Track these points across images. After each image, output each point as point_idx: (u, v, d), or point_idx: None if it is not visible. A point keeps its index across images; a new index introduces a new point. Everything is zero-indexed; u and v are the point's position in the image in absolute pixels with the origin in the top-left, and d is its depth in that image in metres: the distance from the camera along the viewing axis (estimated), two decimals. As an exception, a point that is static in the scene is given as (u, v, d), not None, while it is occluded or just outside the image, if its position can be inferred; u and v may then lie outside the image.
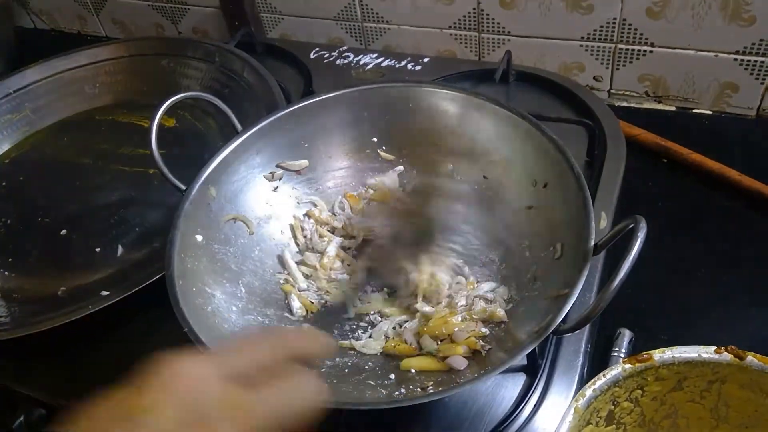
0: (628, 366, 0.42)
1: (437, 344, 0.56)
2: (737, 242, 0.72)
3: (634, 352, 0.63)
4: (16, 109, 0.91)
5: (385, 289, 0.63)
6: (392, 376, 0.55)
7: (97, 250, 0.72)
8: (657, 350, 0.42)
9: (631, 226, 0.44)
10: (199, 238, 0.59)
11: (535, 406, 0.55)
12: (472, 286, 0.60)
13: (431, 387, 0.52)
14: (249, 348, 0.36)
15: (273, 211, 0.67)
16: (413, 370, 0.55)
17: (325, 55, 0.97)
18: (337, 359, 0.57)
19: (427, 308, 0.58)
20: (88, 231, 0.75)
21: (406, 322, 0.59)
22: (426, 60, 0.93)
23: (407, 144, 0.69)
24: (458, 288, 0.60)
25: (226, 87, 0.85)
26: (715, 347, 0.41)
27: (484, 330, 0.56)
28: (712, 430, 0.45)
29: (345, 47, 0.98)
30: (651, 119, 0.87)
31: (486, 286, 0.60)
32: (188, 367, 0.32)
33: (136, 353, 0.64)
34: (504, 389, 0.57)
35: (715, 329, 0.65)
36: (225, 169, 0.63)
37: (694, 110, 0.88)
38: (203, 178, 0.61)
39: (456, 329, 0.55)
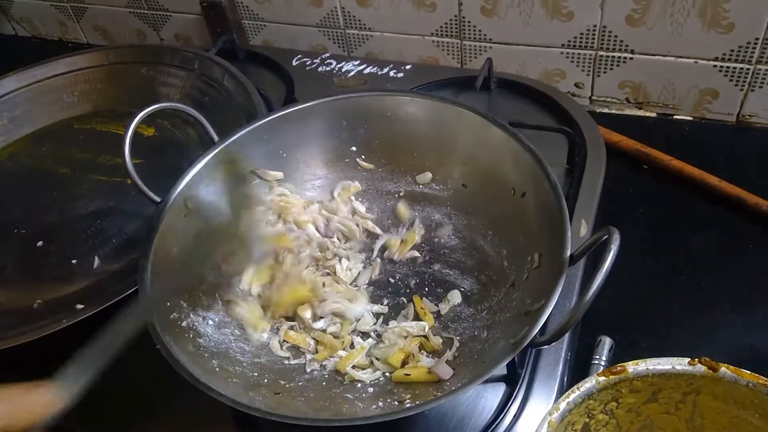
0: (602, 378, 0.41)
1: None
2: (717, 248, 0.72)
3: (614, 359, 0.63)
4: (-7, 118, 0.90)
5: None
6: (370, 389, 0.55)
7: (74, 261, 0.71)
8: (631, 362, 0.42)
9: (604, 237, 0.44)
10: (174, 250, 0.58)
11: (515, 416, 0.55)
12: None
13: (408, 400, 0.52)
14: None
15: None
16: (390, 384, 0.54)
17: (308, 62, 0.97)
18: (315, 373, 0.57)
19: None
20: (64, 242, 0.74)
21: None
22: (408, 67, 0.93)
23: (386, 153, 0.69)
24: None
25: (205, 95, 0.84)
26: (689, 359, 0.41)
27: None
28: (687, 441, 0.45)
29: (327, 54, 0.98)
30: (632, 125, 0.87)
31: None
32: None
33: (111, 367, 0.64)
34: (484, 399, 0.56)
35: (696, 336, 0.65)
36: (201, 180, 0.63)
37: (675, 116, 0.88)
38: (178, 190, 0.60)
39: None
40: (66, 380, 0.42)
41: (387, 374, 0.56)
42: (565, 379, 0.59)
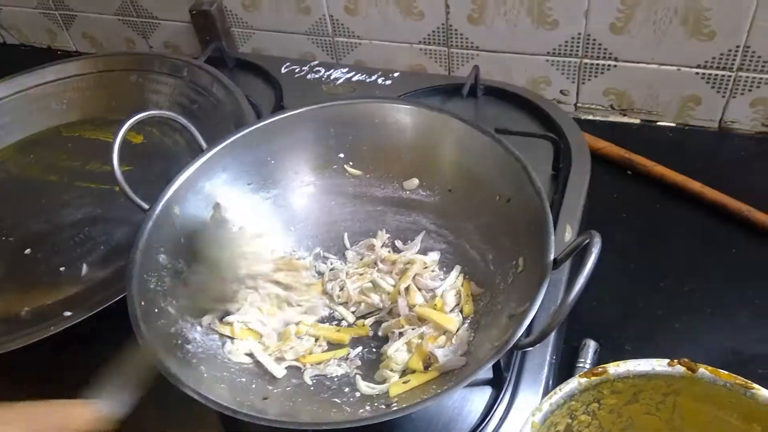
0: (583, 380, 0.42)
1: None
2: (699, 252, 0.73)
3: (599, 362, 0.63)
4: (-20, 126, 0.90)
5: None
6: (357, 393, 0.55)
7: (62, 269, 0.71)
8: (612, 364, 0.43)
9: (586, 241, 0.45)
10: (162, 257, 0.59)
11: (500, 419, 0.56)
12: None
13: (395, 404, 0.52)
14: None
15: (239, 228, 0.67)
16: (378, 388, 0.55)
17: (296, 70, 0.97)
18: (305, 380, 0.57)
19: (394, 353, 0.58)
20: (52, 250, 0.74)
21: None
22: (396, 74, 0.94)
23: (374, 159, 0.69)
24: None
25: (194, 103, 0.84)
26: (669, 360, 0.42)
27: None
28: (668, 441, 0.46)
29: (316, 62, 0.98)
30: (616, 132, 0.88)
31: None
32: None
33: (100, 374, 0.64)
34: (470, 403, 0.57)
35: (680, 339, 0.66)
36: (189, 187, 0.63)
37: (658, 123, 0.90)
38: (166, 197, 0.61)
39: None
40: (112, 400, 0.43)
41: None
42: (551, 382, 0.60)
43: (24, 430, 0.35)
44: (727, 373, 0.41)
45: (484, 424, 0.55)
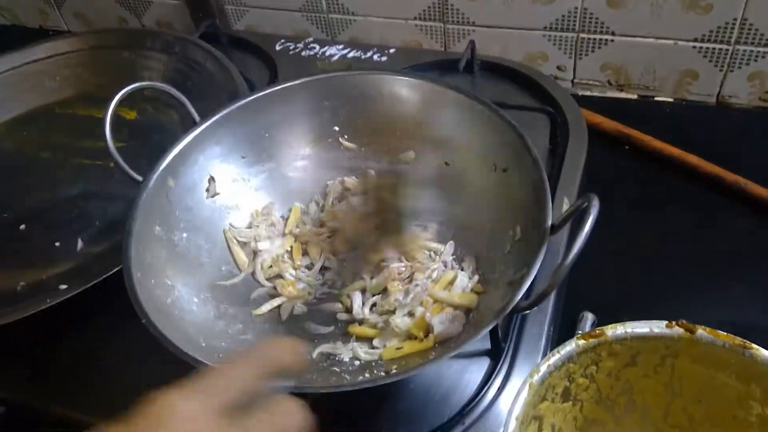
0: (581, 342, 0.42)
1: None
2: (697, 225, 0.73)
3: (596, 334, 0.63)
4: (-26, 104, 0.90)
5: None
6: (356, 362, 0.55)
7: (57, 244, 0.71)
8: (609, 326, 0.43)
9: (584, 204, 0.45)
10: (158, 229, 0.58)
11: (498, 388, 0.56)
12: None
13: (395, 370, 0.52)
14: (233, 372, 0.36)
15: (235, 201, 0.67)
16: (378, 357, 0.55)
17: (291, 47, 0.97)
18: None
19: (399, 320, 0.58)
20: (47, 225, 0.74)
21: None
22: (392, 51, 0.93)
23: (369, 132, 0.69)
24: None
25: (188, 78, 0.84)
26: (667, 321, 0.42)
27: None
28: (667, 405, 0.46)
29: (311, 39, 0.98)
30: (613, 107, 0.88)
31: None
32: (180, 406, 0.33)
33: (98, 348, 0.64)
34: (468, 373, 0.57)
35: (677, 312, 0.65)
36: (184, 160, 0.63)
37: (656, 98, 0.89)
38: (161, 169, 0.60)
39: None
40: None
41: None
42: (548, 353, 0.60)
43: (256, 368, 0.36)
44: (725, 333, 0.41)
45: (482, 394, 0.55)
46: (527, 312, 0.59)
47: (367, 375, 0.52)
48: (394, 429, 0.55)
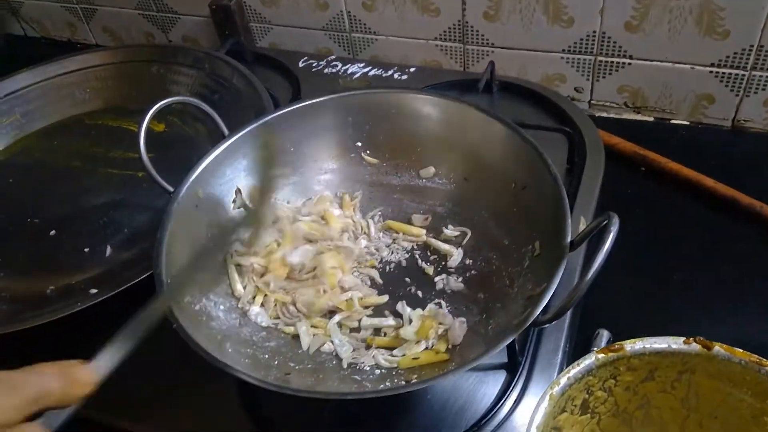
0: (601, 356, 0.43)
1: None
2: (712, 247, 0.74)
3: (612, 350, 0.64)
4: (6, 113, 0.92)
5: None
6: (377, 371, 0.56)
7: (86, 250, 0.73)
8: (628, 341, 0.44)
9: (604, 222, 0.46)
10: (187, 238, 0.60)
11: (514, 402, 0.57)
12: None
13: (415, 379, 0.53)
14: None
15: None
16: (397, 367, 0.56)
17: (314, 64, 0.99)
18: (325, 357, 0.59)
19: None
20: (77, 232, 0.75)
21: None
22: (412, 70, 0.95)
23: (390, 148, 0.71)
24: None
25: (215, 93, 0.86)
26: (684, 338, 0.43)
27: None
28: (683, 420, 0.46)
29: (333, 57, 1.00)
30: (630, 129, 0.89)
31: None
32: None
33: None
34: (485, 386, 0.58)
35: (690, 330, 0.65)
36: (213, 172, 0.65)
37: (672, 121, 0.91)
38: (192, 179, 0.62)
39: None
40: (100, 361, 0.43)
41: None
42: (564, 368, 0.60)
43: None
44: (741, 350, 0.42)
45: (498, 407, 0.56)
46: (544, 327, 0.60)
47: (387, 383, 0.53)
48: (411, 440, 0.56)
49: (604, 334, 0.65)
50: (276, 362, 0.55)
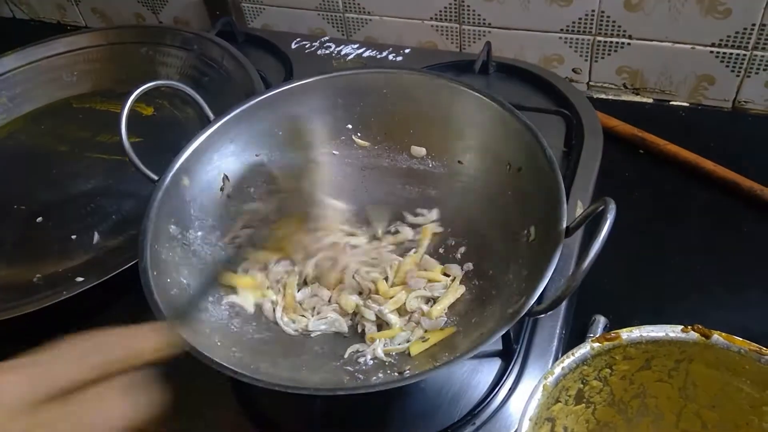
0: (596, 345, 0.42)
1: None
2: (711, 230, 0.73)
3: (609, 336, 0.63)
4: (-7, 96, 0.91)
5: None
6: (370, 362, 0.55)
7: (73, 237, 0.71)
8: (625, 329, 0.43)
9: (601, 208, 0.45)
10: (173, 228, 0.58)
11: (509, 390, 0.56)
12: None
13: (408, 371, 0.52)
14: (74, 356, 0.35)
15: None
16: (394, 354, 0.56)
17: (307, 46, 0.97)
18: (317, 348, 0.58)
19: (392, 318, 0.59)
20: (64, 218, 0.74)
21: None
22: (407, 51, 0.93)
23: (382, 130, 0.69)
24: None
25: (205, 75, 0.84)
26: (682, 326, 0.42)
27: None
28: (680, 409, 0.45)
29: (326, 38, 0.98)
30: (628, 111, 0.88)
31: None
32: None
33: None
34: (479, 374, 0.57)
35: (689, 316, 0.65)
36: (198, 158, 0.63)
37: (671, 102, 0.89)
38: (175, 168, 0.60)
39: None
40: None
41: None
42: (560, 355, 0.59)
43: (92, 363, 0.35)
44: (741, 339, 0.41)
45: (492, 395, 0.55)
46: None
47: (380, 375, 0.52)
48: (404, 428, 0.55)
49: (601, 320, 0.64)
50: (266, 355, 0.54)
